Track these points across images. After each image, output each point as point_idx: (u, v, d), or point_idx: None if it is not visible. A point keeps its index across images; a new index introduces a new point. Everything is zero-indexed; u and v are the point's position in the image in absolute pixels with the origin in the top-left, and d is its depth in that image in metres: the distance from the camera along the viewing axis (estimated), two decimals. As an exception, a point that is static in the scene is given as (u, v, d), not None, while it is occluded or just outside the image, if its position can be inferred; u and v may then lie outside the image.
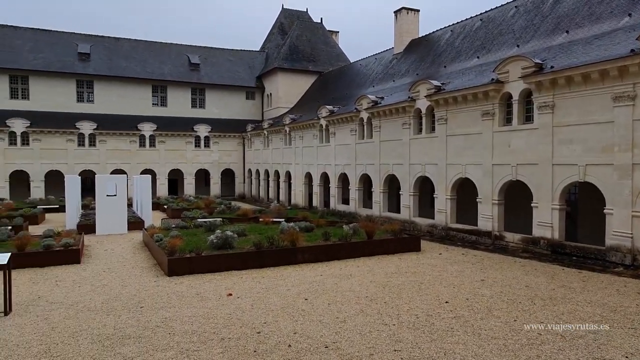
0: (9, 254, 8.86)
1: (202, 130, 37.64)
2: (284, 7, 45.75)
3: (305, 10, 46.47)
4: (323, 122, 26.62)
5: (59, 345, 6.91)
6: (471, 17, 23.61)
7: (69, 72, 35.49)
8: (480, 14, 23.06)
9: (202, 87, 39.81)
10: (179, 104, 39.00)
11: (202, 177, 38.51)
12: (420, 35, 27.95)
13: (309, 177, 28.89)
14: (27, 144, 32.60)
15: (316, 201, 27.69)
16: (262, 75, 41.57)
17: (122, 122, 35.74)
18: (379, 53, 31.37)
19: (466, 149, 17.02)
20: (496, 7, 22.24)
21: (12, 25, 36.85)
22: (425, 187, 20.40)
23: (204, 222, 17.22)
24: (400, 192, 20.70)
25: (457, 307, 8.67)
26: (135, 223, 19.75)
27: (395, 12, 28.62)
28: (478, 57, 20.05)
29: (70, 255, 12.80)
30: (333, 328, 7.57)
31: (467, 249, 15.24)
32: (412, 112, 19.72)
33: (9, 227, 15.94)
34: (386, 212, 21.69)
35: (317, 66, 39.61)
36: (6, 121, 31.78)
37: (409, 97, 19.73)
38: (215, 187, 38.14)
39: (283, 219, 18.44)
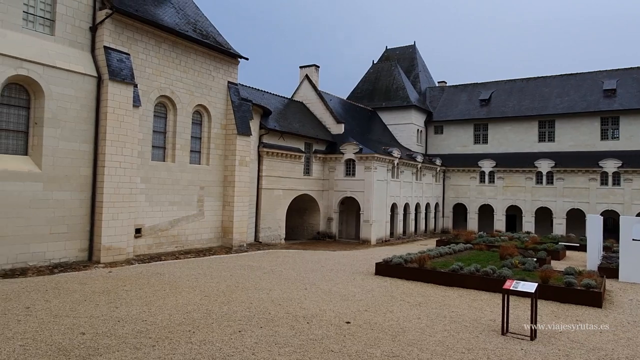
0: (536, 284, 9.75)
1: None
2: None
3: None
4: None
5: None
6: None
7: (592, 111, 35.43)
8: None
9: None
10: None
11: None
12: None
13: None
14: (551, 182, 34.88)
15: None
16: None
17: (653, 158, 31.86)
18: None
19: None
20: None
21: (541, 76, 40.98)
22: None
23: None
24: None
25: None
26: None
27: None
28: None
29: (590, 297, 12.56)
30: None
31: None
32: None
33: (534, 259, 17.53)
34: None
35: None
36: (534, 162, 35.40)
37: None
38: None
39: None
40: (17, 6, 14.63)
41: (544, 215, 35.33)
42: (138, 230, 18.21)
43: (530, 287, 9.55)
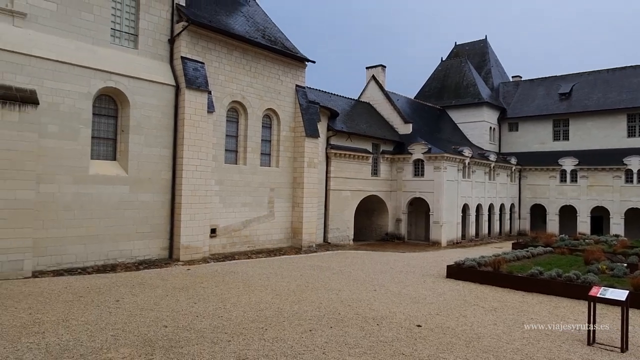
0: (627, 291, 8.97)
1: None
2: None
3: None
4: None
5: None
6: None
7: (693, 101, 31.99)
8: None
9: None
10: None
11: None
12: None
13: None
14: (643, 181, 31.98)
15: None
16: None
17: None
18: None
19: None
20: None
21: (630, 66, 37.66)
22: None
23: None
24: None
25: None
26: None
27: None
28: None
29: (693, 307, 11.34)
30: None
31: None
32: None
33: (624, 265, 16.13)
34: None
35: None
36: (623, 159, 32.62)
37: None
38: None
39: None
40: (105, 24, 15.96)
41: (635, 217, 32.39)
42: (213, 231, 19.10)
43: (621, 294, 8.81)
